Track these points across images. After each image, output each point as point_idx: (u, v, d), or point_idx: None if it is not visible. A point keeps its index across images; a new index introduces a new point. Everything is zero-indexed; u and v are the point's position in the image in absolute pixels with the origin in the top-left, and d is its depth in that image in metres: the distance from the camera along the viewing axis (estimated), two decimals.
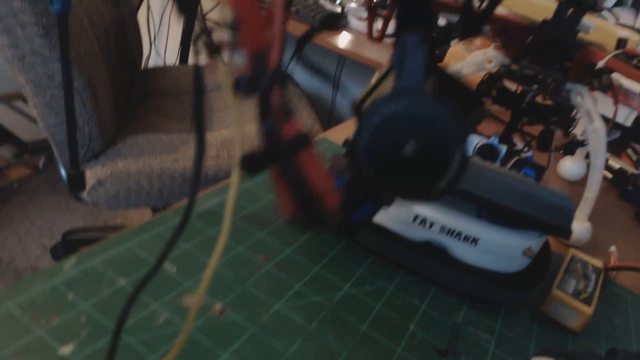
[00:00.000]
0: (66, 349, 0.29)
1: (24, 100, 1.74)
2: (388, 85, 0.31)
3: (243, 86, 0.21)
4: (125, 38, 1.14)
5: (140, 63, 1.30)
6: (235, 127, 0.20)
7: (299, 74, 1.87)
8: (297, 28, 1.32)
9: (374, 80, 0.34)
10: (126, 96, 1.15)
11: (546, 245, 0.47)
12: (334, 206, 0.24)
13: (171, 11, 2.00)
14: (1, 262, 1.34)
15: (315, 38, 1.34)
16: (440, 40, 0.39)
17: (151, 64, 2.08)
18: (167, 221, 0.41)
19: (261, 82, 0.21)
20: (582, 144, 0.69)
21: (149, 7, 1.93)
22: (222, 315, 0.34)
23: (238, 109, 0.20)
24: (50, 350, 0.29)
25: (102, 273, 0.34)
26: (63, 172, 1.06)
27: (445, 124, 0.24)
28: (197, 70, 0.20)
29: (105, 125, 0.90)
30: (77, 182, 0.85)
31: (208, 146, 1.00)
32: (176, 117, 1.14)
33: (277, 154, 0.22)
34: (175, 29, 2.02)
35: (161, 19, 2.03)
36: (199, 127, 0.20)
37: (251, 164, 0.21)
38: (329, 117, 1.87)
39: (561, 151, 0.81)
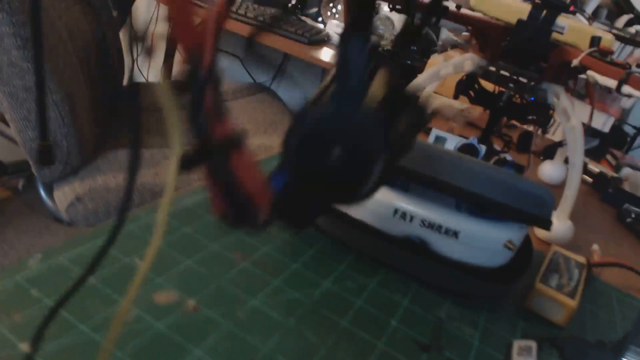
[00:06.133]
0: (27, 346, 0.27)
1: (3, 120, 1.72)
2: None
3: (178, 85, 0.21)
4: (107, 54, 1.14)
5: (122, 79, 1.29)
6: (172, 128, 0.20)
7: (283, 90, 1.88)
8: (278, 42, 1.35)
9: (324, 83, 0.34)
10: (107, 112, 1.14)
11: (527, 240, 0.46)
12: (264, 206, 0.24)
13: (154, 29, 2.01)
14: None
15: (300, 53, 1.36)
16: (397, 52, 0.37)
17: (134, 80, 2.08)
18: (139, 219, 0.40)
19: (194, 81, 0.20)
20: (560, 144, 0.70)
21: (131, 26, 1.94)
22: (196, 312, 0.33)
23: (173, 106, 0.20)
24: (10, 346, 0.27)
25: (69, 270, 0.33)
26: (42, 192, 1.04)
27: (369, 131, 0.25)
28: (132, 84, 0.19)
29: (84, 140, 0.89)
30: (45, 155, 0.81)
31: None
32: (157, 132, 1.14)
33: (208, 153, 0.21)
34: (159, 46, 2.03)
35: (144, 36, 2.04)
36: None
37: (184, 162, 0.21)
38: None
39: (541, 157, 0.82)
